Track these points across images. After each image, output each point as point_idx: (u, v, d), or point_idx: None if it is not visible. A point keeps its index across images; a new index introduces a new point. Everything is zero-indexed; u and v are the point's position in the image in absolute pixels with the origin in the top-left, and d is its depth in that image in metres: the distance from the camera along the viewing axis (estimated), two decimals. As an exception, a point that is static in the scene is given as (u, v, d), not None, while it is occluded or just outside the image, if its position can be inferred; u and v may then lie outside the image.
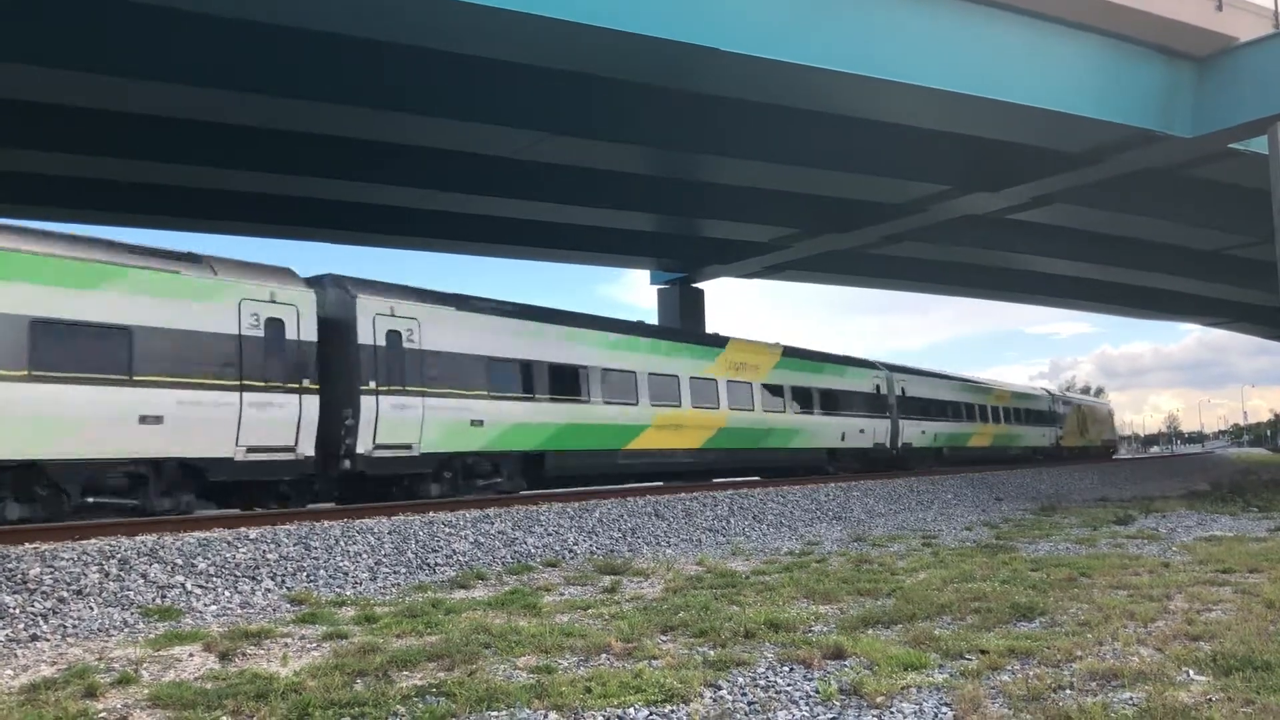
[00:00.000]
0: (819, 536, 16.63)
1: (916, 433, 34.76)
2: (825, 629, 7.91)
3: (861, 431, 30.91)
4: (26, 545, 10.49)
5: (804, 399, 28.36)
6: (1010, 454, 43.07)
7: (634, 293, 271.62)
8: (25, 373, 12.43)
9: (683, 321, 38.23)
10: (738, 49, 18.50)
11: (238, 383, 14.56)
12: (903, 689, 5.94)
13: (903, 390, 34.20)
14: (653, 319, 38.69)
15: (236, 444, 14.48)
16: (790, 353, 28.92)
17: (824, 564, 12.39)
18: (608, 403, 21.21)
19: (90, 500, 13.24)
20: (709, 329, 38.27)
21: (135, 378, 13.45)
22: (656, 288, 40.83)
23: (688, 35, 18.01)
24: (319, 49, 18.19)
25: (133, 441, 13.37)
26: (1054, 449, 48.99)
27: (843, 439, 29.81)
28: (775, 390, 27.15)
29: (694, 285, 40.41)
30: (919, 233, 32.73)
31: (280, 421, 15.04)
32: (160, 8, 16.18)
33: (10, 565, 9.54)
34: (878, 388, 32.50)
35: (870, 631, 7.76)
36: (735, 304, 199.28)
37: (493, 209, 29.21)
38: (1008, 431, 43.70)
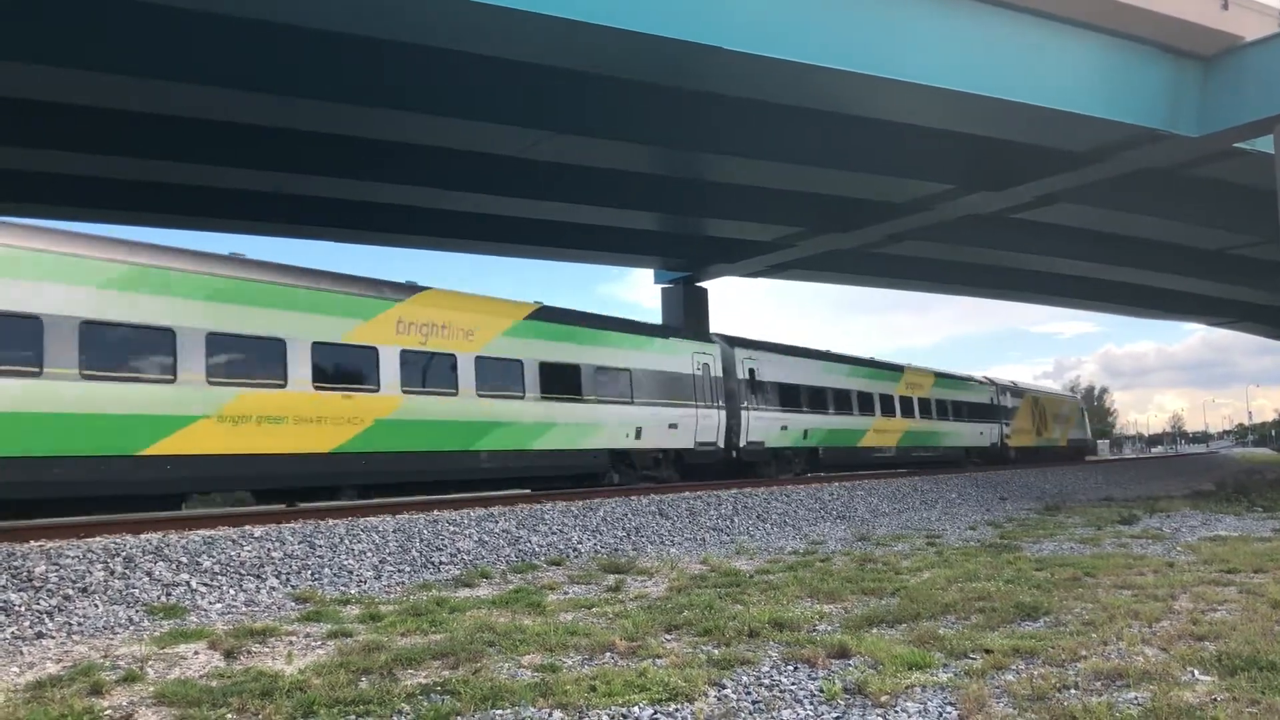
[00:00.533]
0: (823, 535, 16.63)
1: (773, 428, 27.26)
2: (830, 628, 7.90)
3: (672, 427, 23.35)
4: (32, 543, 10.52)
5: (563, 380, 20.61)
6: (929, 456, 35.94)
7: (637, 292, 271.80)
8: None
9: (687, 321, 38.12)
10: (740, 47, 18.49)
11: None
12: (907, 688, 5.93)
13: (751, 372, 26.84)
14: (657, 318, 38.71)
15: None
16: (545, 314, 21.02)
17: (828, 563, 12.39)
18: (94, 376, 13.28)
19: None
20: (713, 328, 38.14)
21: None
22: (660, 287, 40.85)
23: (689, 34, 18.00)
24: (319, 47, 18.20)
25: None
26: (997, 450, 41.49)
27: (638, 436, 22.29)
28: (506, 367, 19.37)
29: (698, 284, 40.41)
30: (923, 232, 32.72)
31: None
32: (161, 6, 16.20)
33: (16, 563, 9.57)
34: (706, 367, 24.98)
35: (875, 631, 7.75)
36: (740, 304, 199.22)
37: (496, 208, 29.25)
38: (925, 428, 36.00)
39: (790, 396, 28.40)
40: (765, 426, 26.98)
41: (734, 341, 27.18)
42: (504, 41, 18.19)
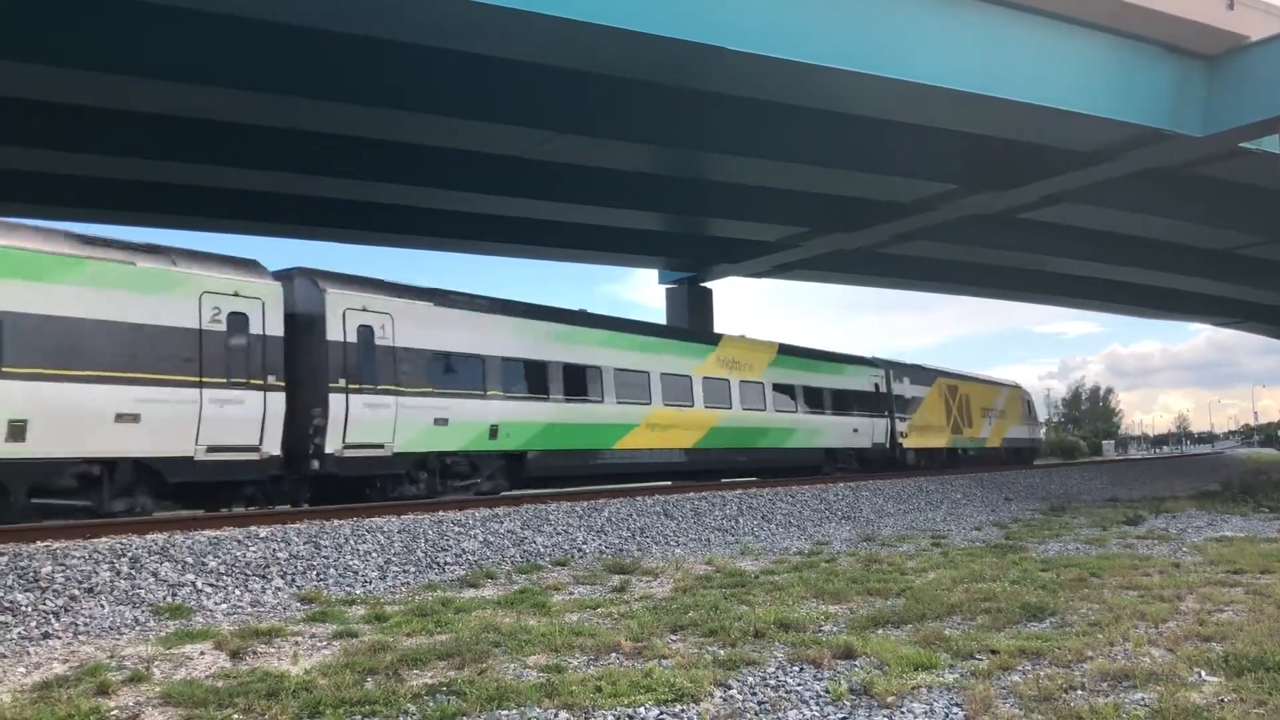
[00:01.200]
0: (828, 536, 16.62)
1: (414, 422, 17.40)
2: (835, 629, 7.91)
3: (127, 420, 13.81)
4: (38, 543, 10.54)
5: None
6: (761, 463, 26.87)
7: (640, 291, 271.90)
8: None
9: (691, 321, 38.12)
10: (744, 48, 18.47)
11: None
12: (913, 689, 5.93)
13: (364, 332, 17.10)
14: (661, 318, 38.70)
15: None
16: None
17: (833, 563, 12.38)
18: None
19: None
20: (717, 329, 38.11)
21: None
22: (664, 287, 40.85)
23: (693, 34, 17.98)
24: (320, 47, 18.15)
25: None
26: (885, 453, 32.71)
27: (14, 438, 12.71)
28: None
29: (702, 285, 40.40)
30: (927, 231, 32.67)
31: None
32: (162, 6, 16.18)
33: (23, 563, 9.59)
34: (236, 321, 15.39)
35: (880, 631, 7.75)
36: (743, 304, 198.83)
37: (499, 208, 29.21)
38: (751, 423, 26.40)
39: (461, 372, 18.70)
40: (391, 419, 17.08)
41: (323, 279, 17.20)
42: (504, 41, 18.16)
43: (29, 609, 8.81)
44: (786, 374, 28.35)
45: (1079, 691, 5.81)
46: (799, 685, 6.14)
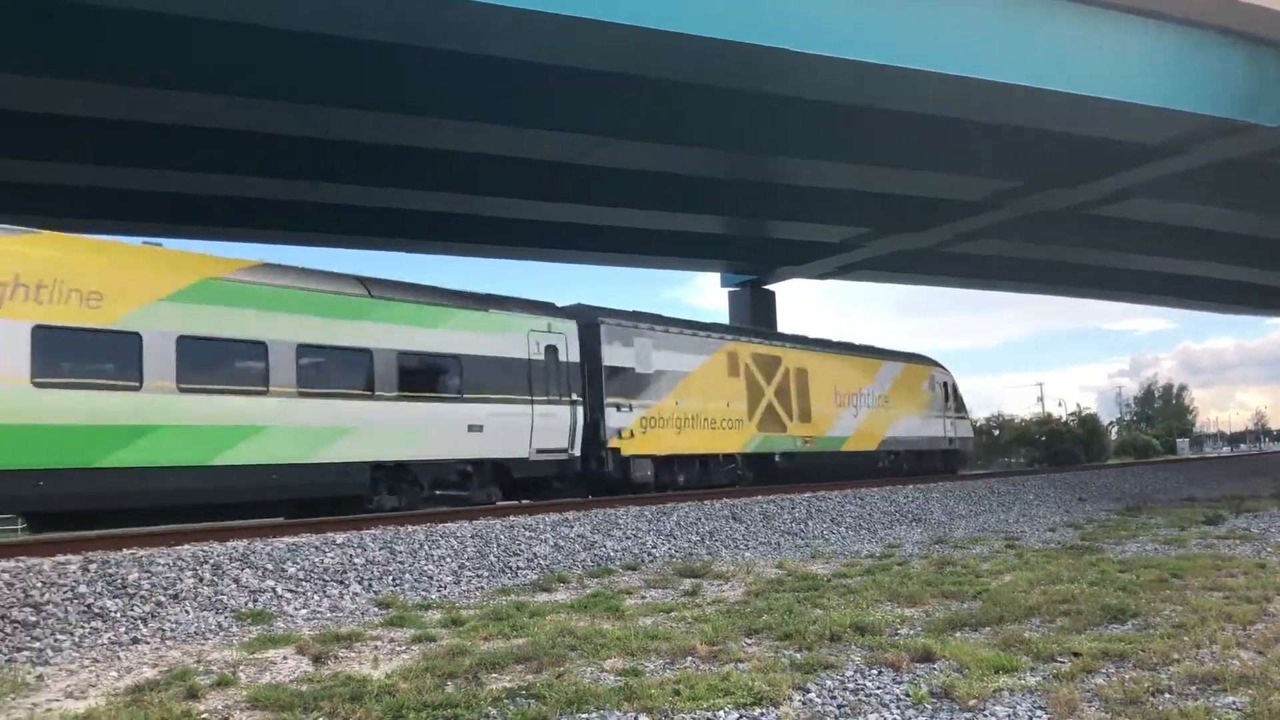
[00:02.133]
0: (899, 539, 16.48)
1: None
2: (911, 631, 7.84)
3: None
4: (125, 551, 10.81)
5: None
6: (170, 496, 13.37)
7: (703, 296, 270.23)
8: None
9: (754, 323, 38.02)
10: (807, 49, 18.42)
11: None
12: (995, 692, 5.87)
13: None
14: (724, 321, 38.64)
15: None
16: None
17: (906, 566, 12.27)
18: None
19: None
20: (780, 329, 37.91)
21: None
22: (727, 290, 40.80)
23: (755, 36, 17.96)
24: (353, 55, 18.16)
25: None
26: (572, 467, 19.15)
27: None
28: None
29: (765, 287, 40.29)
30: (993, 230, 32.25)
31: None
32: (164, 15, 16.35)
33: (111, 570, 9.85)
34: None
35: (958, 634, 7.67)
36: (807, 305, 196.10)
37: (559, 215, 29.29)
38: (112, 417, 12.74)
39: None
40: None
41: None
42: (556, 49, 18.10)
43: (118, 615, 9.06)
44: (237, 320, 14.43)
45: (1167, 695, 5.70)
46: (878, 689, 6.10)
